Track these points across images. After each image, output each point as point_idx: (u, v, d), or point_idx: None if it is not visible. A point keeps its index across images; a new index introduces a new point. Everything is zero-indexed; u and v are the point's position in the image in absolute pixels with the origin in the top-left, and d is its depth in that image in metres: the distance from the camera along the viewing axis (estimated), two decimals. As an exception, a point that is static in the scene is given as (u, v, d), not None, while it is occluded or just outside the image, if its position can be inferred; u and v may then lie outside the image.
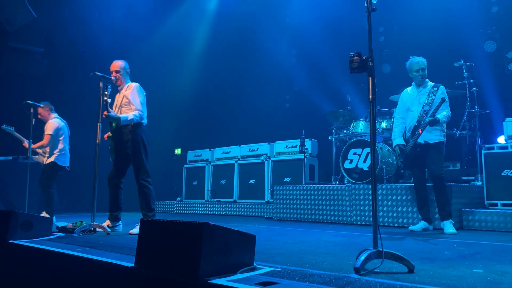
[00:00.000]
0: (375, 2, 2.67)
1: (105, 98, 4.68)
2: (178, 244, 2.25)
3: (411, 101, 5.09)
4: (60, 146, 6.57)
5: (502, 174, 5.32)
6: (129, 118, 4.80)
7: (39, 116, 6.67)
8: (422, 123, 4.84)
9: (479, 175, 6.09)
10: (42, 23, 9.58)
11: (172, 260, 2.25)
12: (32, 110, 6.18)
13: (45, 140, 6.52)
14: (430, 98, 4.91)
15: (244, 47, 10.82)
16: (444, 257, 3.05)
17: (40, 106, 6.35)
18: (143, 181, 4.83)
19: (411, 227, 5.07)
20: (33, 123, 6.18)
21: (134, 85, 5.03)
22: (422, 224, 4.97)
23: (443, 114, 4.83)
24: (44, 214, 6.35)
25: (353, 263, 2.44)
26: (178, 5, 11.32)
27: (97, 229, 4.66)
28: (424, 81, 5.05)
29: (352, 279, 2.23)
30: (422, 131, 4.81)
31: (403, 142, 5.06)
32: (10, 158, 8.43)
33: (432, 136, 4.88)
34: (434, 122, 4.76)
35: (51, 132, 6.54)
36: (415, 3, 8.39)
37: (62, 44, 9.91)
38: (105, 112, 4.69)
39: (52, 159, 6.52)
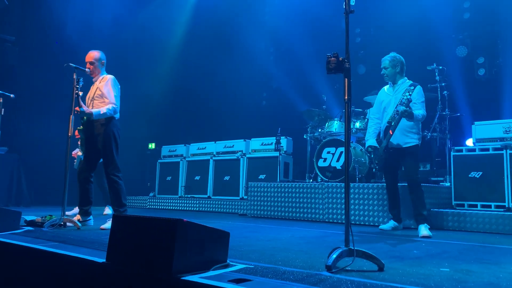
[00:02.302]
0: (353, 4, 2.71)
1: (76, 91, 4.59)
2: (151, 240, 2.23)
3: (388, 101, 4.88)
4: None
5: (470, 175, 5.50)
6: (101, 112, 4.71)
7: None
8: (393, 123, 4.63)
9: (447, 176, 6.26)
10: (14, 11, 9.29)
11: (145, 256, 2.24)
12: (1, 100, 5.98)
13: None
14: (405, 97, 4.63)
15: (222, 43, 10.79)
16: (413, 256, 3.13)
17: (10, 96, 6.14)
18: (113, 176, 4.76)
19: (381, 226, 5.16)
20: (2, 113, 5.99)
21: (109, 77, 4.92)
22: (392, 223, 5.05)
23: (419, 112, 4.61)
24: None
25: (325, 261, 2.48)
26: (157, 0, 11.17)
27: (67, 224, 4.57)
28: (394, 79, 4.84)
29: (324, 276, 2.26)
30: (393, 132, 4.63)
31: (375, 144, 4.90)
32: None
33: (408, 139, 4.73)
34: (407, 115, 4.46)
35: None
36: (392, 7, 8.54)
37: (34, 33, 9.63)
38: (77, 108, 4.62)
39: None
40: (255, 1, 10.69)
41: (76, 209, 6.49)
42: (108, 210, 6.84)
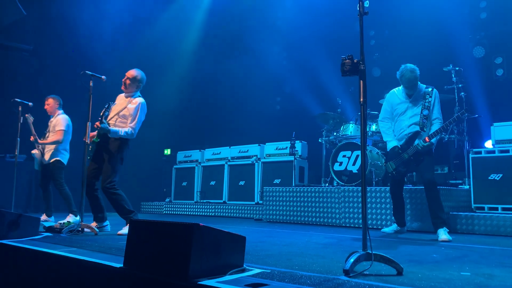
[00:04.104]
0: (367, 6, 2.69)
1: (104, 111, 4.68)
2: (168, 245, 2.24)
3: (405, 107, 4.80)
4: (66, 144, 6.44)
5: (489, 178, 5.39)
6: (118, 134, 4.78)
7: (45, 107, 6.47)
8: (425, 129, 4.64)
9: (466, 179, 6.16)
10: (32, 20, 9.47)
11: (161, 261, 2.24)
12: (20, 108, 6.09)
13: (59, 136, 6.31)
14: (427, 102, 4.67)
15: (235, 48, 10.84)
16: (432, 259, 3.07)
17: (28, 104, 6.25)
18: (108, 189, 4.75)
19: (384, 229, 5.20)
20: (21, 121, 6.10)
21: (140, 101, 4.97)
22: (394, 227, 5.08)
23: (440, 123, 4.64)
24: (69, 217, 6.10)
25: (342, 265, 2.45)
26: (170, 6, 11.29)
27: (85, 229, 4.61)
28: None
29: (342, 281, 2.23)
30: (429, 140, 4.55)
31: (399, 145, 4.79)
32: (-3, 156, 8.31)
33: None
34: (426, 147, 4.58)
35: (64, 128, 6.37)
36: (406, 8, 8.47)
37: (51, 42, 9.80)
38: (98, 123, 4.70)
39: (57, 157, 6.33)
40: (267, 7, 10.71)
41: (44, 216, 6.25)
42: (69, 218, 6.18)
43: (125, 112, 4.92)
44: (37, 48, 9.81)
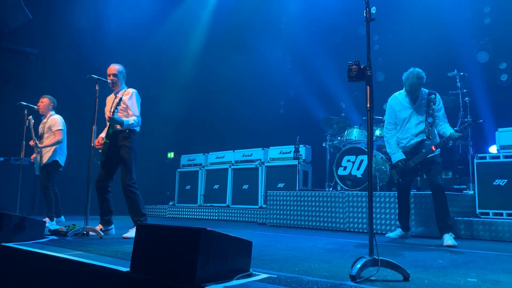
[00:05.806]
0: (373, 12, 2.70)
1: (111, 110, 4.73)
2: (175, 249, 2.24)
3: (409, 113, 4.77)
4: (64, 144, 6.39)
5: (494, 183, 5.37)
6: (129, 123, 4.85)
7: (39, 104, 6.39)
8: (431, 137, 4.62)
9: (471, 184, 6.15)
10: (38, 24, 9.53)
11: (168, 265, 2.24)
12: (26, 112, 6.13)
13: (59, 136, 6.24)
14: (431, 109, 4.64)
15: (239, 52, 10.87)
16: (438, 265, 3.07)
17: (34, 108, 6.28)
18: (130, 187, 4.81)
19: (388, 234, 5.20)
20: (27, 124, 6.13)
21: (133, 91, 5.03)
22: (399, 231, 5.07)
23: (448, 126, 4.60)
24: (46, 220, 5.82)
25: (348, 271, 2.45)
26: (174, 11, 11.35)
27: (90, 233, 4.62)
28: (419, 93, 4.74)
29: (348, 286, 2.24)
30: (436, 149, 4.56)
31: (404, 157, 4.72)
32: (2, 159, 8.35)
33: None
34: (459, 138, 4.58)
35: (61, 127, 6.32)
36: (410, 13, 8.49)
37: (57, 45, 9.86)
38: (110, 114, 4.74)
39: (55, 158, 6.25)
40: (271, 11, 10.75)
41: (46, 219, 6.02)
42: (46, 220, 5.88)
43: (123, 105, 4.96)
44: (43, 52, 9.86)
